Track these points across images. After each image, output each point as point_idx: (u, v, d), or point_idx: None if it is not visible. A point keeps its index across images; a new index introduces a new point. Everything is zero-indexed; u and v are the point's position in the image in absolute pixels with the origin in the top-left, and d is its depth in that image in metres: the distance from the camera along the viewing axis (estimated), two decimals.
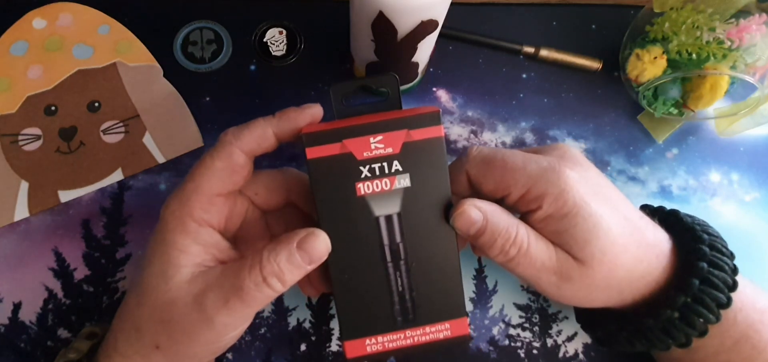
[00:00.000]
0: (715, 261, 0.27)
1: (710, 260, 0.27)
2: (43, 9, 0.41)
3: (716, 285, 0.26)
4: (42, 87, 0.39)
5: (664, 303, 0.27)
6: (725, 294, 0.26)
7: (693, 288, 0.26)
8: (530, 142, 0.41)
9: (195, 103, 0.40)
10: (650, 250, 0.27)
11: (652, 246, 0.27)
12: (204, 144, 0.39)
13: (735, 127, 0.39)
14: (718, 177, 0.41)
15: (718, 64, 0.36)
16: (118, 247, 0.36)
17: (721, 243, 0.28)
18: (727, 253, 0.28)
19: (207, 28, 0.43)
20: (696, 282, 0.26)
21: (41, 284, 0.35)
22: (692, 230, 0.29)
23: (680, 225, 0.30)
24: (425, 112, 0.26)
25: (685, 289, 0.26)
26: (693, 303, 0.26)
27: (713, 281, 0.26)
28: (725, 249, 0.28)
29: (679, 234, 0.29)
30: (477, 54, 0.44)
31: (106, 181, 0.38)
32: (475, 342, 0.36)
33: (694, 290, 0.26)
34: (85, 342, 0.29)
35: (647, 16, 0.40)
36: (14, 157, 0.38)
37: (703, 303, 0.26)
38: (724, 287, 0.26)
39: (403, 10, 0.30)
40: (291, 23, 0.43)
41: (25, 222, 0.37)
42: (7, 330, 0.34)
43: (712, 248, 0.27)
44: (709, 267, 0.26)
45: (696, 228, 0.29)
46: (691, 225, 0.29)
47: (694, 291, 0.26)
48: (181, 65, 0.41)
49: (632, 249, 0.26)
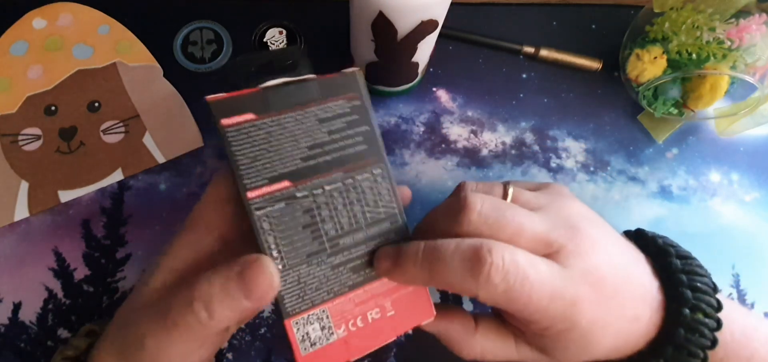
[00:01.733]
0: (694, 326, 0.25)
1: (689, 325, 0.25)
2: (43, 9, 0.41)
3: (693, 353, 0.25)
4: (42, 87, 0.39)
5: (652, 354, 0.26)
6: (702, 358, 0.25)
7: (667, 356, 0.26)
8: (530, 141, 0.41)
9: (195, 103, 0.40)
10: (640, 330, 0.26)
11: (643, 328, 0.26)
12: (204, 144, 0.39)
13: (735, 127, 0.39)
14: (718, 177, 0.41)
15: (718, 64, 0.36)
16: (118, 247, 0.36)
17: (706, 303, 0.26)
18: (711, 313, 0.26)
19: (207, 28, 0.43)
20: (670, 349, 0.25)
21: (41, 284, 0.35)
22: (677, 284, 0.27)
23: (668, 270, 0.27)
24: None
25: (660, 354, 0.26)
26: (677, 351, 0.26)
27: (690, 349, 0.25)
28: (710, 308, 0.26)
29: (665, 278, 0.27)
30: (477, 54, 0.44)
31: (106, 180, 0.38)
32: None
33: (668, 358, 0.26)
34: (84, 340, 0.29)
35: (647, 16, 0.40)
36: (14, 157, 0.38)
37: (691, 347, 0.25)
38: (703, 350, 0.25)
39: (403, 10, 0.30)
40: (291, 23, 0.43)
41: (25, 222, 0.37)
42: (7, 330, 0.34)
43: (695, 310, 0.26)
44: (687, 333, 0.25)
45: (682, 279, 0.27)
46: (677, 276, 0.27)
47: (669, 358, 0.26)
48: (181, 65, 0.41)
49: (620, 345, 0.26)
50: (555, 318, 0.23)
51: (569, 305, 0.23)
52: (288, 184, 0.24)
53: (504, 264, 0.22)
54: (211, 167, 0.39)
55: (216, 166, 0.39)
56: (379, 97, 0.42)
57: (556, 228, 0.25)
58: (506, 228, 0.24)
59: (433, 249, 0.23)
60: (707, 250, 0.28)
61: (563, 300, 0.23)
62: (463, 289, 0.23)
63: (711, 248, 0.39)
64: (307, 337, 0.24)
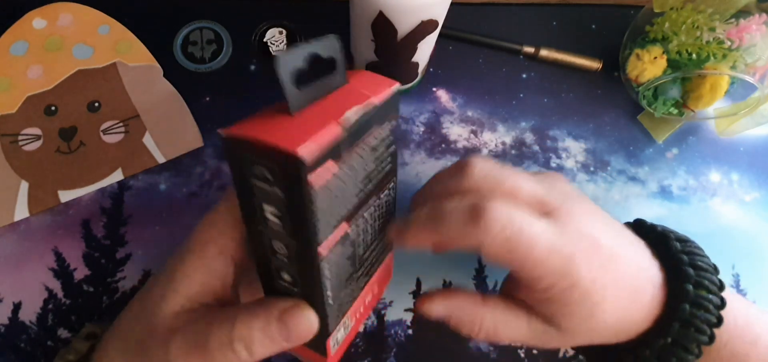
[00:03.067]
0: (698, 302, 0.26)
1: (694, 301, 0.26)
2: (43, 9, 0.41)
3: (707, 308, 0.26)
4: (42, 87, 0.39)
5: (657, 333, 0.26)
6: (709, 334, 0.26)
7: (674, 332, 0.26)
8: (530, 141, 0.41)
9: (195, 103, 0.40)
10: (644, 308, 0.26)
11: (647, 306, 0.26)
12: (204, 144, 0.39)
13: (735, 127, 0.39)
14: (718, 177, 0.41)
15: (718, 64, 0.36)
16: (118, 247, 0.36)
17: (709, 280, 0.27)
18: (714, 290, 0.26)
19: (207, 28, 0.43)
20: (676, 326, 0.26)
21: (41, 284, 0.35)
22: (679, 262, 0.27)
23: (667, 253, 0.28)
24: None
25: (666, 333, 0.26)
26: (673, 346, 0.26)
27: (696, 324, 0.25)
28: (713, 285, 0.27)
29: (666, 261, 0.28)
30: (477, 54, 0.44)
31: (106, 180, 0.38)
32: (474, 342, 0.36)
33: (675, 334, 0.26)
34: (84, 343, 0.29)
35: (647, 16, 0.40)
36: (14, 157, 0.38)
37: (682, 357, 0.26)
38: (714, 306, 0.26)
39: (403, 10, 0.30)
40: (291, 23, 0.43)
41: (25, 222, 0.37)
42: (7, 330, 0.34)
43: (698, 286, 0.26)
44: (692, 308, 0.26)
45: (683, 258, 0.27)
46: (678, 256, 0.28)
47: (675, 335, 0.26)
48: (181, 65, 0.41)
49: (625, 318, 0.26)
50: (555, 272, 0.24)
51: (567, 260, 0.24)
52: (346, 227, 0.22)
53: (503, 215, 0.23)
54: (211, 167, 0.39)
55: (216, 166, 0.39)
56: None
57: (551, 193, 0.26)
58: (504, 184, 0.25)
59: (436, 208, 0.25)
60: (707, 250, 0.28)
61: (560, 254, 0.24)
62: (466, 241, 0.23)
63: (711, 248, 0.39)
64: (336, 342, 0.25)
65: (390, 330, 0.36)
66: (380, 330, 0.36)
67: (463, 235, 0.23)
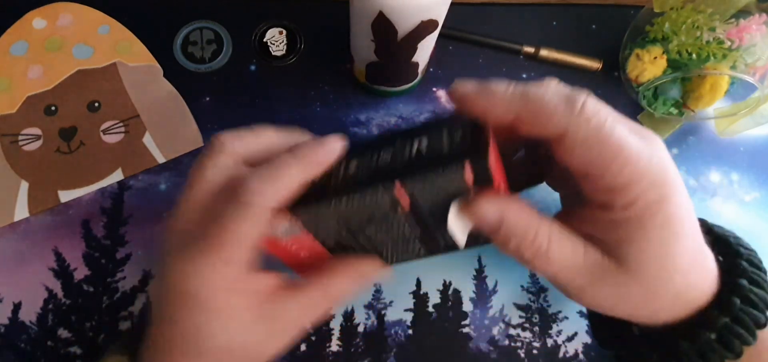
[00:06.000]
0: (754, 278, 0.25)
1: (750, 277, 0.24)
2: (43, 9, 0.41)
3: (756, 303, 0.24)
4: (42, 87, 0.39)
5: (702, 325, 0.24)
6: (764, 313, 0.24)
7: (734, 309, 0.24)
8: None
9: (195, 103, 0.40)
10: (706, 279, 0.24)
11: (709, 276, 0.25)
12: (204, 144, 0.39)
13: (735, 127, 0.39)
14: (718, 177, 0.41)
15: (718, 64, 0.36)
16: (118, 247, 0.36)
17: (757, 258, 0.26)
18: (763, 268, 0.26)
19: (207, 28, 0.43)
20: (737, 301, 0.24)
21: (41, 284, 0.35)
22: (728, 244, 0.26)
23: (717, 239, 0.27)
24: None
25: (726, 310, 0.24)
26: (733, 323, 0.24)
27: (753, 299, 0.24)
28: (761, 264, 0.26)
29: (716, 247, 0.26)
30: (477, 54, 0.44)
31: (106, 180, 0.38)
32: (475, 342, 0.36)
33: (735, 310, 0.24)
34: None
35: (647, 16, 0.40)
36: (14, 157, 0.38)
37: (743, 324, 0.24)
38: (764, 305, 0.24)
39: (403, 10, 0.30)
40: (291, 23, 0.43)
41: (25, 222, 0.37)
42: (7, 330, 0.34)
43: (751, 263, 0.25)
44: (750, 285, 0.24)
45: (731, 241, 0.26)
46: (725, 237, 0.27)
47: (735, 312, 0.24)
48: (181, 65, 0.41)
49: (689, 274, 0.23)
50: (647, 177, 0.21)
51: (662, 169, 0.22)
52: None
53: (600, 109, 0.22)
54: None
55: None
56: (379, 97, 0.42)
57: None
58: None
59: (524, 86, 0.24)
60: None
61: (652, 162, 0.22)
62: (551, 121, 0.22)
63: None
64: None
65: (390, 330, 0.36)
66: (380, 330, 0.36)
67: (553, 112, 0.22)
